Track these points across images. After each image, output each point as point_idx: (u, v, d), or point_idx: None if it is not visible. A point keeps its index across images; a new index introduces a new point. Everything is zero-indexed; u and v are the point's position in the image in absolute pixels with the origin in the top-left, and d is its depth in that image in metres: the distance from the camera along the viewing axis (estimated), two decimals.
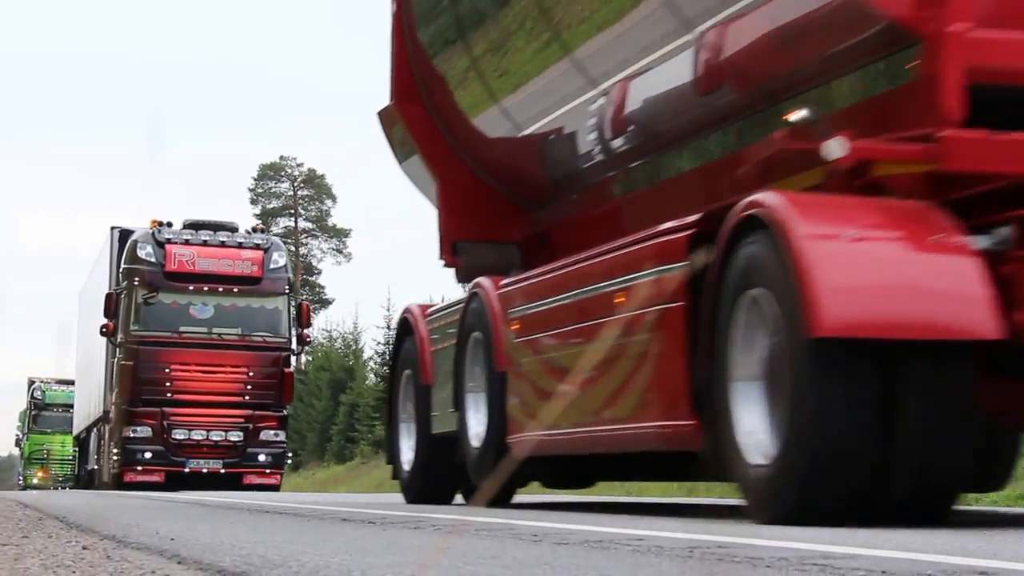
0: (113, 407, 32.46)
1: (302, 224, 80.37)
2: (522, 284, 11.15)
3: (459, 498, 13.27)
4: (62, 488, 52.43)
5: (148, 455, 31.17)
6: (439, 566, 4.87)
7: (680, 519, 8.96)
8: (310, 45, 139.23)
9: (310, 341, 35.27)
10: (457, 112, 13.01)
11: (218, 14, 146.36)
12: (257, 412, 31.75)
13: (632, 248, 9.29)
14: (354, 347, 62.22)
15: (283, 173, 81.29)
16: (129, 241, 32.47)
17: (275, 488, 31.75)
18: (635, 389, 9.03)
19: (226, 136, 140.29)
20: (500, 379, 11.17)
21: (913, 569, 4.35)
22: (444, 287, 79.30)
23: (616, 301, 9.36)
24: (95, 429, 36.99)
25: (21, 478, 63.22)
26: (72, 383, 53.87)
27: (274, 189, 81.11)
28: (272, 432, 32.04)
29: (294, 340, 32.42)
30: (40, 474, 60.39)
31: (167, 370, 31.18)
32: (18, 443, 67.19)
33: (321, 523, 8.66)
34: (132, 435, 31.20)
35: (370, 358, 62.38)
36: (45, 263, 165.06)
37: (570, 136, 11.75)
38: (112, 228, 35.48)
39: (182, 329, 31.44)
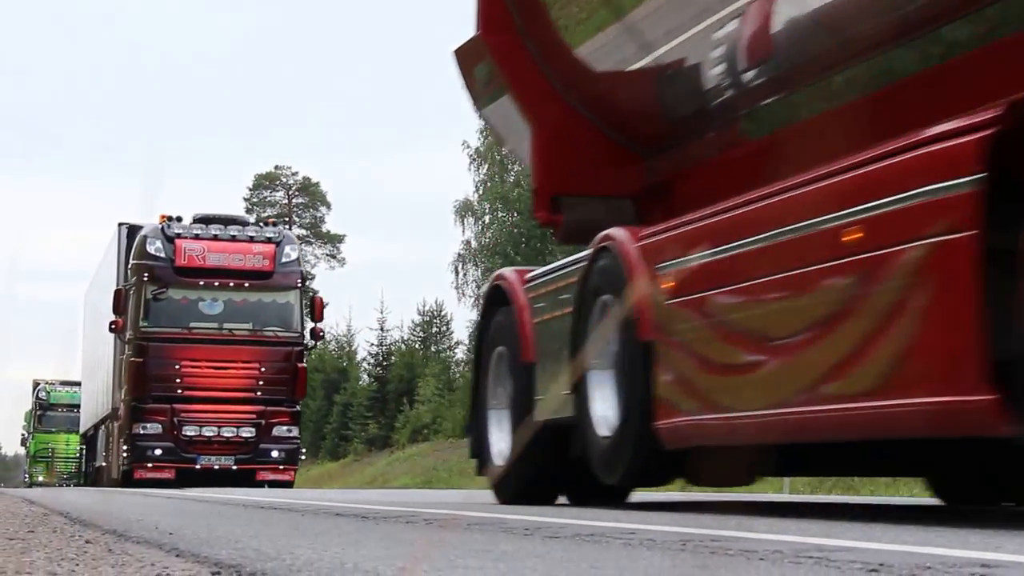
0: (122, 404, 30.50)
1: (297, 231, 79.01)
2: (680, 230, 8.38)
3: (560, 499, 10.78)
4: (66, 486, 51.75)
5: (158, 452, 29.18)
6: (431, 559, 4.75)
7: (674, 513, 8.35)
8: (305, 53, 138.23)
9: (323, 335, 32.41)
10: (558, 41, 10.34)
11: (215, 22, 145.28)
12: (269, 408, 29.69)
13: (879, 164, 6.51)
14: (347, 349, 62.07)
15: (278, 182, 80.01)
16: (138, 236, 30.52)
17: (289, 484, 29.71)
18: (883, 355, 6.35)
19: (221, 146, 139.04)
20: (644, 352, 8.49)
21: (912, 562, 4.12)
22: (439, 290, 78.69)
23: (847, 239, 6.61)
24: (103, 426, 34.99)
25: (27, 476, 62.16)
26: (76, 384, 53.36)
27: (269, 198, 79.76)
28: (285, 428, 29.93)
29: (307, 334, 30.44)
30: (45, 472, 59.24)
31: (177, 366, 29.22)
32: (24, 442, 66.83)
33: (316, 518, 8.44)
34: (142, 432, 29.22)
35: (363, 359, 61.99)
36: (47, 270, 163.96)
37: (701, 63, 9.06)
38: (120, 224, 33.35)
39: (192, 325, 29.56)
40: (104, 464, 34.07)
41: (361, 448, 58.01)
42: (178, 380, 29.26)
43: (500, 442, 10.63)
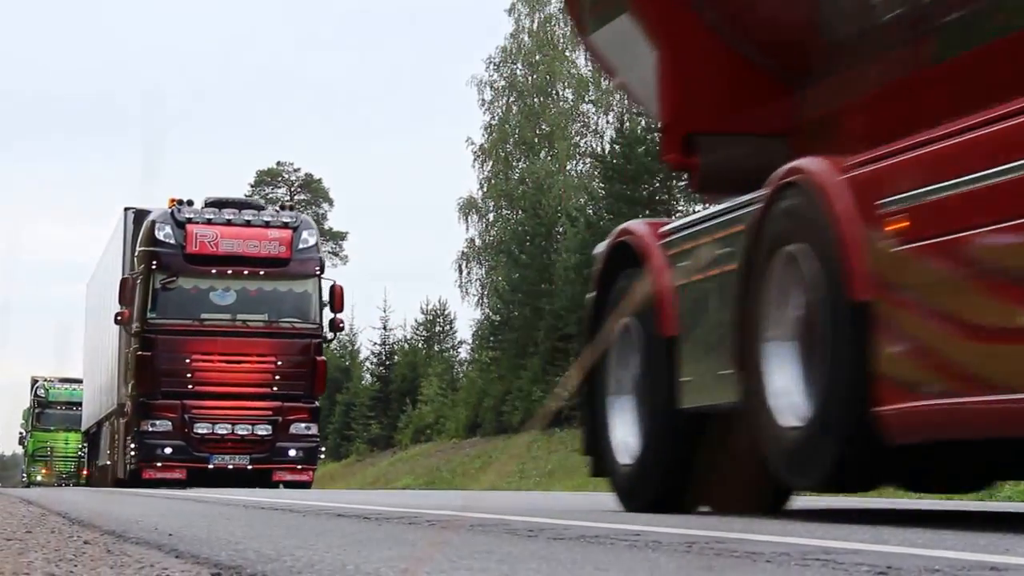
0: (129, 400, 28.41)
1: None
2: (917, 152, 6.41)
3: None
4: (65, 485, 51.46)
5: (168, 450, 27.17)
6: (433, 561, 4.69)
7: (680, 515, 7.99)
8: (306, 49, 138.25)
9: (343, 327, 29.42)
10: None
11: (214, 19, 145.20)
12: (287, 404, 27.55)
13: None
14: (350, 348, 62.04)
15: (280, 178, 79.95)
16: (146, 221, 28.30)
17: (307, 485, 27.69)
18: None
19: (222, 142, 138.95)
20: (857, 316, 6.55)
21: (920, 564, 4.07)
22: (442, 288, 78.51)
23: None
24: (107, 424, 33.06)
25: (25, 475, 61.15)
26: (76, 381, 52.80)
27: (271, 195, 79.62)
28: (303, 425, 27.81)
29: (326, 326, 28.18)
30: (44, 471, 58.14)
31: (187, 360, 27.20)
32: (21, 441, 66.31)
33: (317, 519, 8.29)
34: (150, 429, 27.20)
35: (366, 358, 61.98)
36: (44, 269, 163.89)
37: None
38: (125, 209, 31.17)
39: (204, 316, 27.55)
40: (109, 463, 32.35)
41: (363, 448, 58.07)
42: (189, 375, 27.36)
43: (625, 436, 8.62)
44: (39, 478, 57.97)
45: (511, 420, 46.86)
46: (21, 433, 66.10)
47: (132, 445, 27.69)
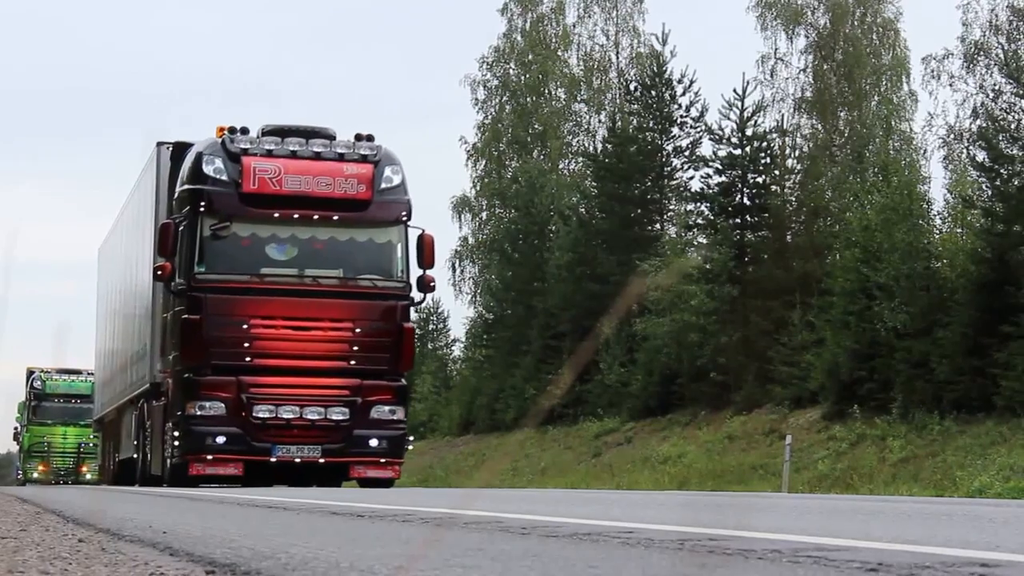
0: (170, 377, 23.13)
1: None
2: None
3: None
4: (64, 483, 51.09)
5: (221, 440, 21.94)
6: (427, 559, 4.67)
7: (675, 512, 8.05)
8: (300, 48, 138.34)
9: (435, 286, 23.17)
10: None
11: (213, 20, 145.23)
12: (367, 382, 22.26)
13: None
14: None
15: None
16: (191, 154, 22.89)
17: (389, 483, 22.65)
18: None
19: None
20: None
21: (912, 561, 4.07)
22: (436, 286, 78.20)
23: None
24: (133, 409, 27.41)
25: (20, 472, 59.60)
26: (75, 372, 52.49)
27: None
28: (387, 408, 22.44)
29: (414, 285, 22.75)
30: (41, 468, 56.76)
31: (244, 326, 22.03)
32: (16, 436, 65.43)
33: (311, 517, 8.28)
34: (199, 413, 21.99)
35: None
36: (37, 270, 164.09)
37: None
38: (159, 144, 25.25)
39: (264, 271, 22.30)
40: (135, 456, 26.97)
41: None
42: (246, 344, 22.14)
43: None
44: (36, 475, 56.88)
45: (504, 418, 46.81)
46: (16, 428, 65.52)
47: (175, 433, 22.57)
